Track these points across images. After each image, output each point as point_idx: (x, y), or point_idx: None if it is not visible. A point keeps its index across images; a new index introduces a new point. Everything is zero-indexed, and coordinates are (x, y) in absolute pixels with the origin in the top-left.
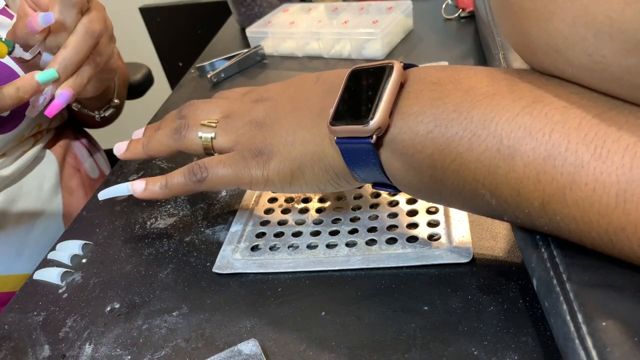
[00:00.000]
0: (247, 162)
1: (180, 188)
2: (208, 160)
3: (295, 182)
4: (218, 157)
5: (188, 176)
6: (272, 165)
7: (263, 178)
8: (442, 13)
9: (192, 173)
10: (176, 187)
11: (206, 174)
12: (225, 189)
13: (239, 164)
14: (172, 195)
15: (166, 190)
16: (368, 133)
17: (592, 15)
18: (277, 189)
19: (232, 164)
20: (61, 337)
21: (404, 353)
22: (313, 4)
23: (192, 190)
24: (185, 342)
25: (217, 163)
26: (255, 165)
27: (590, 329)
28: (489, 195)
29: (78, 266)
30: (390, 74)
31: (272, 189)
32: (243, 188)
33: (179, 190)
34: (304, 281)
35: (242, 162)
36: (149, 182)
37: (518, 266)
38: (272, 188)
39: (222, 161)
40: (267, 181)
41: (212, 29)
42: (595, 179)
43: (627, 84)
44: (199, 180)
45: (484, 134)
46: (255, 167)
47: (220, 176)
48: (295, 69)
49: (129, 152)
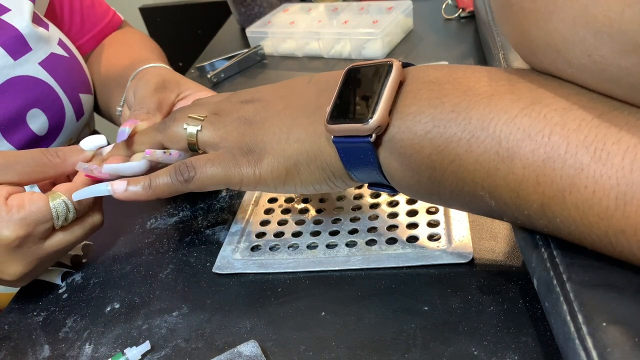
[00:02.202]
0: (237, 160)
1: (165, 189)
2: (195, 159)
3: (289, 181)
4: (206, 156)
5: (174, 176)
6: (265, 163)
7: (255, 177)
8: (442, 13)
9: (179, 172)
10: (161, 187)
11: (194, 173)
12: (214, 189)
13: (229, 163)
14: (157, 196)
15: (150, 191)
16: (367, 132)
17: (592, 15)
18: (270, 188)
19: (222, 162)
20: (61, 337)
21: (404, 353)
22: (313, 4)
23: (178, 190)
24: (185, 342)
25: (205, 162)
26: (246, 164)
27: (590, 329)
28: (488, 197)
29: (78, 266)
30: (390, 72)
31: (264, 188)
32: (233, 188)
33: (164, 191)
34: (304, 281)
35: (232, 160)
36: (131, 182)
37: (518, 266)
38: (264, 188)
39: (211, 159)
40: (260, 180)
41: (212, 29)
42: (595, 181)
43: (626, 84)
44: (186, 180)
45: (482, 136)
46: (247, 166)
47: (209, 175)
48: (295, 69)
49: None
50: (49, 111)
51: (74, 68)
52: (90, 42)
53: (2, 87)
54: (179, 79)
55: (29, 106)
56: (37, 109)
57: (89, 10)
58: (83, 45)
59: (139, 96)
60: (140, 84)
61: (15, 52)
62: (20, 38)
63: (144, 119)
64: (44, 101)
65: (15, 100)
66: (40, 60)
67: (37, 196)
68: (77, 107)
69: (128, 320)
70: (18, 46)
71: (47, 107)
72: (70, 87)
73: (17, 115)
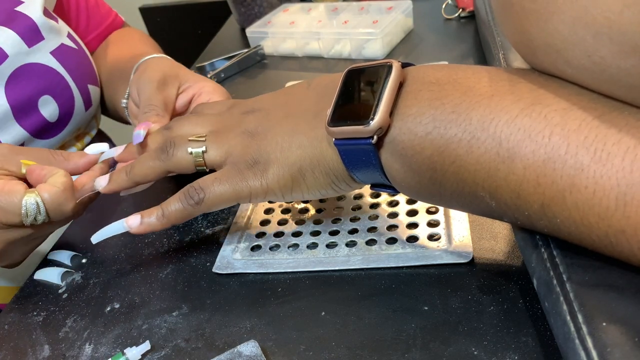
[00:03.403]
0: (244, 174)
1: (178, 214)
2: (202, 181)
3: (296, 188)
4: (212, 175)
5: (185, 200)
6: (271, 173)
7: (262, 188)
8: (442, 13)
9: (189, 196)
10: (174, 214)
11: (203, 194)
12: (225, 206)
13: (236, 178)
14: (171, 224)
15: (164, 220)
16: (369, 134)
17: (592, 16)
18: (278, 197)
19: (228, 179)
20: (61, 337)
21: (404, 353)
22: (313, 4)
23: (191, 214)
24: (185, 342)
25: (212, 181)
26: (253, 176)
27: (590, 329)
28: (489, 198)
29: (78, 266)
30: (390, 73)
31: (273, 198)
32: (243, 202)
33: (178, 217)
34: (304, 281)
35: (238, 175)
36: (144, 215)
37: (518, 266)
38: (273, 197)
39: (218, 178)
40: (268, 191)
41: (212, 29)
42: (595, 182)
43: (626, 85)
44: (197, 203)
45: (483, 136)
46: (253, 178)
47: (219, 194)
48: (295, 69)
49: (112, 184)
50: (59, 98)
51: (83, 60)
52: (95, 40)
53: (16, 72)
54: (178, 71)
55: (40, 92)
56: (49, 96)
57: (93, 10)
58: (89, 43)
59: (144, 97)
60: (142, 81)
61: (30, 40)
62: (34, 27)
63: (155, 121)
64: (54, 89)
65: (28, 86)
66: (51, 50)
67: (16, 187)
68: (86, 97)
69: (128, 320)
70: (32, 35)
71: (57, 94)
72: (79, 78)
73: (29, 100)
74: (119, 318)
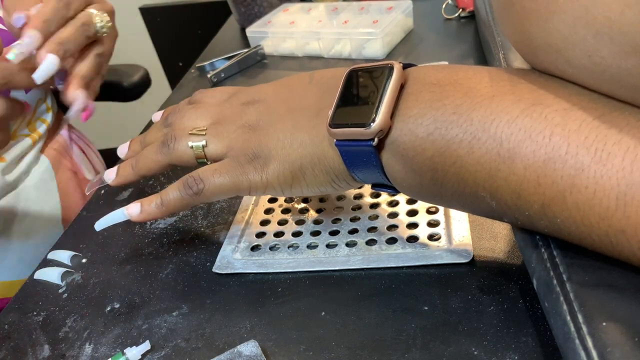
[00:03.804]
0: (244, 167)
1: (177, 203)
2: (202, 171)
3: (296, 185)
4: (212, 166)
5: (184, 190)
6: (271, 168)
7: (262, 182)
8: (442, 13)
9: (188, 186)
10: (173, 203)
11: (202, 185)
12: (224, 197)
13: (236, 171)
14: (170, 212)
15: (163, 208)
16: (370, 136)
17: (592, 16)
18: (278, 192)
19: (229, 171)
20: (61, 337)
21: (404, 353)
22: (313, 3)
23: (189, 204)
24: (185, 342)
25: (212, 172)
26: (253, 170)
27: (590, 329)
28: (489, 198)
29: (78, 266)
30: (391, 75)
31: (272, 192)
32: (242, 195)
33: (176, 206)
34: (304, 281)
35: (239, 168)
36: (144, 203)
37: (518, 266)
38: (272, 192)
39: (218, 170)
40: (267, 185)
41: (212, 29)
42: (596, 182)
43: (626, 85)
44: (196, 193)
45: (484, 137)
46: (253, 172)
47: (218, 185)
48: (295, 69)
49: (119, 177)
50: None
51: None
52: None
53: None
54: None
55: None
56: None
57: None
58: None
59: None
60: None
61: None
62: None
63: None
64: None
65: None
66: None
67: None
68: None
69: (128, 320)
70: None
71: None
72: None
73: None
74: (119, 318)
